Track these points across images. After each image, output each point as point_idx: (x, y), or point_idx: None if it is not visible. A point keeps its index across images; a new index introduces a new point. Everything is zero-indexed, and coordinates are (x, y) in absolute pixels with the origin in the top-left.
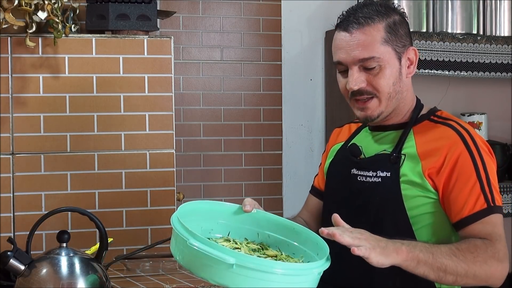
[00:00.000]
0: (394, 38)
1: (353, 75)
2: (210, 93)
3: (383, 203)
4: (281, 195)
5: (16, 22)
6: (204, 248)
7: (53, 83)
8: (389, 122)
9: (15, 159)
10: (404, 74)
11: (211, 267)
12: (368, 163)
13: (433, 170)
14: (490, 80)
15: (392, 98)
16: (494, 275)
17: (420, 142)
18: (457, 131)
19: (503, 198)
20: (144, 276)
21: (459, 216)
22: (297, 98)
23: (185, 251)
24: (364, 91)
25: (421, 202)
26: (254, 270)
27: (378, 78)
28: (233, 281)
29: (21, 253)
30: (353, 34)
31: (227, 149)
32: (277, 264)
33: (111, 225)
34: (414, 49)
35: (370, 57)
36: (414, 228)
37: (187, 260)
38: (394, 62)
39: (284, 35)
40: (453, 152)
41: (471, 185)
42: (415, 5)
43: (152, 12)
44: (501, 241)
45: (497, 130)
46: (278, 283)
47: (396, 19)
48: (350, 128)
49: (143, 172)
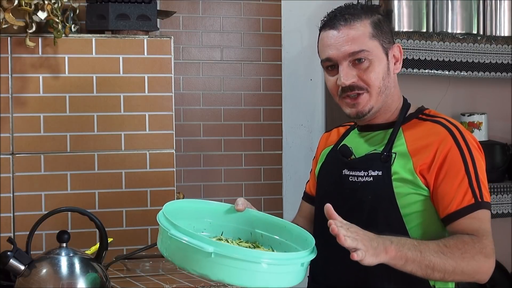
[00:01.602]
0: (380, 34)
1: (344, 70)
2: (210, 93)
3: (376, 201)
4: (281, 195)
5: (16, 22)
6: (183, 238)
7: (53, 83)
8: (378, 121)
9: (15, 159)
10: (392, 70)
11: (191, 257)
12: (359, 163)
13: (424, 166)
14: (490, 80)
15: (382, 93)
16: (482, 271)
17: (410, 140)
18: (447, 127)
19: (503, 198)
20: (144, 276)
21: (447, 211)
22: (297, 98)
23: (168, 242)
24: (355, 86)
25: (413, 199)
26: (234, 259)
27: (369, 72)
28: (212, 270)
29: (21, 253)
30: (341, 30)
31: (227, 149)
32: (258, 253)
33: (111, 225)
34: (399, 46)
35: (361, 50)
36: (407, 227)
37: (170, 252)
38: (382, 57)
39: (284, 35)
40: (443, 147)
41: (460, 180)
42: (415, 5)
43: (152, 12)
44: (488, 237)
45: (497, 130)
46: (261, 274)
47: (380, 18)
48: (339, 131)
49: (143, 172)
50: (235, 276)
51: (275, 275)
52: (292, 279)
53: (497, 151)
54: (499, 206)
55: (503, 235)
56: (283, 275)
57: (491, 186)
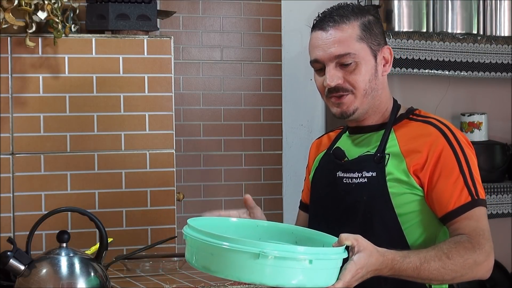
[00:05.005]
0: (369, 36)
1: (330, 71)
2: (210, 93)
3: (371, 202)
4: (281, 195)
5: (16, 22)
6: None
7: (53, 83)
8: (368, 123)
9: (15, 159)
10: (380, 72)
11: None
12: (352, 165)
13: (418, 166)
14: (490, 80)
15: (367, 95)
16: (482, 270)
17: (402, 141)
18: (438, 127)
19: (503, 198)
20: (144, 276)
21: (444, 210)
22: (297, 98)
23: (218, 254)
24: (340, 88)
25: (408, 199)
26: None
27: (354, 75)
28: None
29: (21, 253)
30: (328, 32)
31: (227, 149)
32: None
33: (111, 225)
34: (389, 48)
35: (346, 53)
36: (403, 228)
37: (220, 266)
38: (370, 59)
39: (284, 35)
40: (435, 147)
41: (454, 179)
42: (415, 5)
43: (152, 12)
44: (485, 235)
45: (497, 130)
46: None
47: (371, 19)
48: (330, 136)
49: (143, 172)
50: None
51: (319, 271)
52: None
53: (497, 151)
54: (499, 206)
55: (503, 235)
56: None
57: (491, 186)
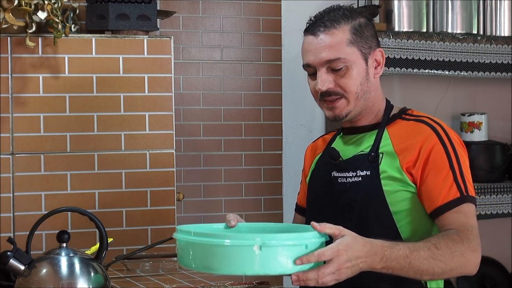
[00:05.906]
0: (359, 40)
1: (321, 76)
2: (210, 93)
3: (366, 200)
4: (281, 195)
5: (16, 22)
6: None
7: (53, 83)
8: (362, 124)
9: (15, 159)
10: (371, 74)
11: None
12: (347, 164)
13: (410, 164)
14: (490, 80)
15: (360, 98)
16: (469, 264)
17: (395, 140)
18: (430, 125)
19: (503, 198)
20: (144, 276)
21: (433, 206)
22: (297, 98)
23: (207, 252)
24: (332, 92)
25: (402, 197)
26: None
27: (345, 79)
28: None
29: (21, 253)
30: (319, 36)
31: (227, 149)
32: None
33: (111, 225)
34: (381, 50)
35: (336, 58)
36: (398, 225)
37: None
38: (361, 62)
39: (284, 35)
40: (427, 145)
41: (444, 175)
42: (415, 5)
43: (152, 12)
44: (473, 231)
45: (497, 130)
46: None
47: (362, 22)
48: (325, 139)
49: (143, 172)
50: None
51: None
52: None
53: (497, 151)
54: (499, 206)
55: (503, 235)
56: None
57: (491, 186)
